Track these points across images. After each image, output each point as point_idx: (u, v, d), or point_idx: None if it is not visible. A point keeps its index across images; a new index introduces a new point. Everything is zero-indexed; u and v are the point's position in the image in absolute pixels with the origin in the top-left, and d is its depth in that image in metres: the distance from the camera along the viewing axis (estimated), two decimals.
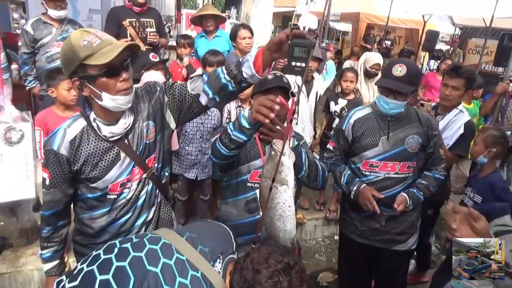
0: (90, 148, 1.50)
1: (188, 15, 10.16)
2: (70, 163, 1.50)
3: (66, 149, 1.48)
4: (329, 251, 3.90)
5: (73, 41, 1.36)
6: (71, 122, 1.53)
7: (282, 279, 1.15)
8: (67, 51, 1.38)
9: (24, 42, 3.71)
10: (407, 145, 2.20)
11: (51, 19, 3.73)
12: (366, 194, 2.17)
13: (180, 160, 3.17)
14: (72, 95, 2.63)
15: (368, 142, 2.23)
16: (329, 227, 4.09)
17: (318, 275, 3.57)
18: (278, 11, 16.07)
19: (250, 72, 1.43)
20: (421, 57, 11.96)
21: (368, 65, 3.97)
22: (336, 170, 2.37)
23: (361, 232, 2.38)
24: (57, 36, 3.75)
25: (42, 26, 3.70)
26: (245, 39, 3.65)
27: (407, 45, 12.14)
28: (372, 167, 2.25)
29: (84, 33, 1.38)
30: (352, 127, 2.29)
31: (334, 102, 3.78)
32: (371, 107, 2.32)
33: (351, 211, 2.41)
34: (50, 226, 1.65)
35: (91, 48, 1.34)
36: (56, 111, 2.67)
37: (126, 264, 1.15)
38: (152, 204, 1.73)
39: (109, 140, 1.52)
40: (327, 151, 2.50)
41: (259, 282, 1.15)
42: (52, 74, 2.68)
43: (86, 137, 1.50)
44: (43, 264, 1.71)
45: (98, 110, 1.49)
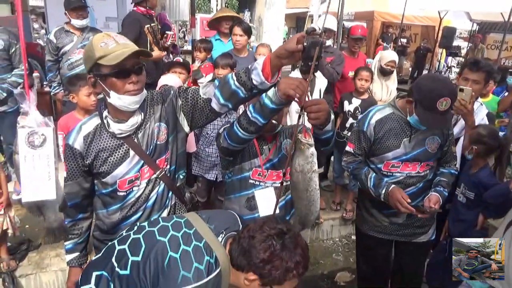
0: (101, 144, 1.60)
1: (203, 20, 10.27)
2: (83, 157, 1.61)
3: (79, 144, 1.60)
4: (346, 250, 3.89)
5: (94, 42, 1.49)
6: (87, 119, 1.65)
7: (275, 243, 1.23)
8: (87, 50, 1.52)
9: (48, 51, 3.88)
10: (428, 146, 2.22)
11: (73, 28, 3.87)
12: (396, 196, 2.15)
13: (200, 162, 3.22)
14: (92, 100, 2.71)
15: (390, 143, 2.21)
16: (346, 227, 4.08)
17: (335, 275, 3.57)
18: (291, 12, 16.08)
19: (260, 79, 1.46)
20: (438, 54, 11.78)
21: (383, 62, 3.94)
22: (360, 174, 2.31)
23: (383, 227, 2.39)
24: (78, 44, 3.88)
25: (64, 35, 3.85)
26: (236, 36, 3.70)
27: (423, 42, 11.99)
28: (394, 167, 2.25)
29: (104, 36, 1.51)
30: (374, 128, 2.24)
31: (348, 102, 3.75)
32: (391, 107, 2.27)
33: (371, 207, 2.41)
34: (70, 217, 1.76)
35: (105, 50, 1.45)
36: (77, 115, 2.76)
37: (140, 236, 1.36)
38: (163, 206, 1.76)
39: (117, 136, 1.60)
40: (346, 154, 2.41)
41: (253, 246, 1.24)
42: (73, 81, 2.78)
43: (98, 134, 1.61)
44: (66, 255, 1.82)
45: (110, 108, 1.59)
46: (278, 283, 1.25)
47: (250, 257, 1.24)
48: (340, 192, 4.13)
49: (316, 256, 3.72)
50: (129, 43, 1.53)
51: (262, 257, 1.22)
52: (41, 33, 9.56)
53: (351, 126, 3.69)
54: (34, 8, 10.32)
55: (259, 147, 2.01)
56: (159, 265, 1.26)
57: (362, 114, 2.42)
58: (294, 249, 1.24)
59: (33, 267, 2.95)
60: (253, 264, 1.23)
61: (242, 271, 1.28)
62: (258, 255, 1.22)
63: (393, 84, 4.11)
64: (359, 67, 3.82)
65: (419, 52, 11.64)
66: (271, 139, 2.05)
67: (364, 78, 3.66)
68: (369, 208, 2.44)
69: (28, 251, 3.08)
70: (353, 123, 3.67)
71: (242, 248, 1.26)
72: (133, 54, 1.46)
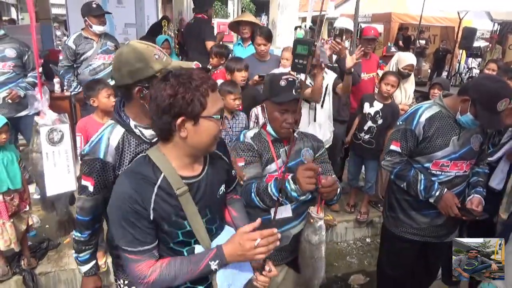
0: (132, 152, 1.58)
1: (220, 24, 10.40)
2: (114, 169, 1.56)
3: (112, 156, 1.54)
4: (360, 253, 3.86)
5: (144, 52, 1.47)
6: (111, 130, 1.59)
7: (169, 79, 1.24)
8: (134, 62, 1.47)
9: (65, 56, 3.99)
10: (472, 144, 2.22)
11: (91, 34, 4.00)
12: (450, 201, 2.15)
13: None
14: (111, 102, 2.78)
15: (439, 142, 2.18)
16: (360, 229, 4.06)
17: (349, 277, 3.55)
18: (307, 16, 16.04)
19: None
20: (458, 55, 11.55)
21: (401, 66, 3.86)
22: (408, 176, 2.26)
23: (421, 229, 2.38)
24: (98, 49, 4.03)
25: (84, 41, 3.98)
26: (260, 46, 3.77)
27: (442, 43, 11.78)
28: (443, 167, 2.23)
29: (150, 47, 1.50)
30: (423, 127, 2.20)
31: (369, 104, 3.67)
32: (438, 106, 2.24)
33: (409, 209, 2.38)
34: (89, 230, 1.71)
35: (162, 62, 1.48)
36: (95, 118, 2.84)
37: None
38: None
39: (151, 141, 1.58)
40: (391, 154, 2.33)
41: (157, 94, 1.24)
42: (91, 85, 2.86)
43: (127, 143, 1.57)
44: (80, 266, 1.78)
45: (135, 116, 1.57)
46: (201, 106, 1.25)
47: (161, 104, 1.23)
48: (355, 194, 4.11)
49: (330, 259, 3.71)
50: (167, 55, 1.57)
51: (169, 93, 1.22)
52: (63, 40, 9.87)
53: (369, 129, 3.66)
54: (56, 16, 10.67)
55: (275, 151, 1.96)
56: None
57: (408, 112, 2.34)
58: (189, 75, 1.26)
59: (52, 265, 3.06)
60: (166, 108, 1.23)
61: (167, 129, 1.28)
62: (164, 95, 1.22)
63: (411, 87, 4.04)
64: (386, 71, 3.71)
65: (438, 54, 11.44)
66: (287, 142, 1.99)
67: (390, 84, 3.54)
68: (407, 210, 2.39)
69: (47, 250, 3.19)
70: (372, 126, 3.64)
71: (151, 106, 1.28)
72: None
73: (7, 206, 2.70)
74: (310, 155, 2.02)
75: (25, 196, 2.86)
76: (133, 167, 1.39)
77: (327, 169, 2.04)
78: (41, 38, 6.38)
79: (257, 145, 1.94)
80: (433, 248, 2.45)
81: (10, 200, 2.72)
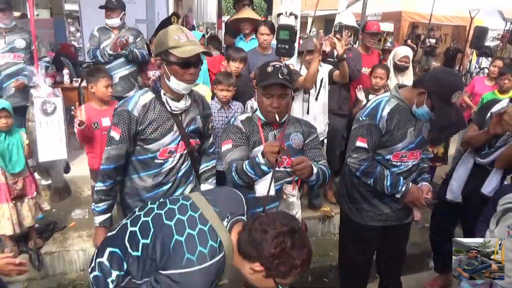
0: (155, 115, 1.89)
1: None
2: (137, 123, 1.86)
3: (138, 111, 1.86)
4: None
5: (170, 31, 1.79)
6: (144, 92, 1.94)
7: (286, 240, 1.30)
8: (161, 36, 1.82)
9: (93, 42, 4.22)
10: (424, 133, 2.31)
11: (111, 27, 4.23)
12: (416, 195, 2.29)
13: None
14: (108, 92, 2.90)
15: (400, 134, 2.25)
16: None
17: None
18: (320, 15, 16.02)
19: None
20: (469, 54, 11.43)
21: (397, 59, 3.95)
22: (375, 172, 2.29)
23: (384, 215, 2.46)
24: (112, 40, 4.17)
25: (104, 31, 4.23)
26: (263, 35, 3.83)
27: (453, 43, 11.68)
28: (403, 157, 2.31)
29: (179, 30, 1.81)
30: (386, 121, 2.23)
31: (365, 97, 3.75)
32: (396, 98, 2.27)
33: (372, 198, 2.45)
34: (112, 179, 1.95)
35: (177, 42, 1.76)
36: (94, 105, 2.95)
37: (149, 219, 1.49)
38: (188, 178, 2.08)
39: (172, 112, 1.90)
40: (357, 151, 2.29)
41: (265, 240, 1.31)
42: (92, 72, 2.97)
43: (153, 106, 1.90)
44: (96, 216, 1.99)
45: (165, 88, 1.90)
46: (282, 277, 1.32)
47: (261, 250, 1.30)
48: None
49: (327, 249, 3.79)
50: (196, 41, 1.83)
51: (273, 252, 1.28)
52: (77, 35, 10.11)
53: None
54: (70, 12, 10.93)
55: (264, 134, 2.05)
56: (166, 248, 1.37)
57: (368, 107, 2.35)
58: (302, 248, 1.31)
59: (57, 246, 3.20)
60: (263, 256, 1.30)
61: (249, 260, 1.35)
62: (269, 250, 1.28)
63: (409, 81, 4.07)
64: (375, 65, 3.84)
65: (449, 53, 11.35)
66: (277, 126, 2.07)
67: (379, 76, 3.70)
68: (370, 200, 2.47)
69: (53, 232, 3.34)
70: None
71: (254, 239, 1.32)
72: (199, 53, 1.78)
73: (9, 189, 2.75)
74: (300, 139, 2.10)
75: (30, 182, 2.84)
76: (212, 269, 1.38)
77: (317, 154, 2.13)
78: (54, 32, 6.57)
79: (247, 128, 2.04)
80: (393, 231, 2.55)
81: (13, 184, 2.76)
